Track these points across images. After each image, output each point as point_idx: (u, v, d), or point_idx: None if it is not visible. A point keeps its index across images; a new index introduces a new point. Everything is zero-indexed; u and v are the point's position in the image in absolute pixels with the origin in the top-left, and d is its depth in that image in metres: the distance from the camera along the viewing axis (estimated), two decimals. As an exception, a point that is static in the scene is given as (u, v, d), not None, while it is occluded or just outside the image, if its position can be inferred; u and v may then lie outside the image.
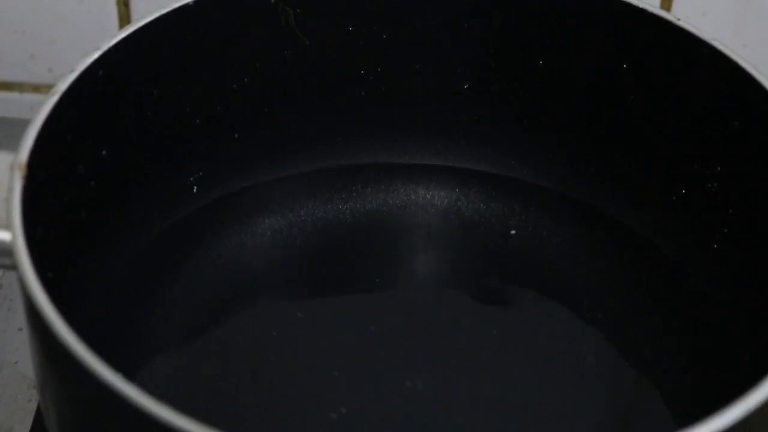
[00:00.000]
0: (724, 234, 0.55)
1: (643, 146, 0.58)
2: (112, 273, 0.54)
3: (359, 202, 0.62)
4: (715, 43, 0.53)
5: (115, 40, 0.52)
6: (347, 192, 0.62)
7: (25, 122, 0.47)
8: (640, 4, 0.56)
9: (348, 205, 0.61)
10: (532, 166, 0.62)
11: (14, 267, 0.43)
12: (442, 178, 0.63)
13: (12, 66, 0.72)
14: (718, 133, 0.54)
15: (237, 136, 0.59)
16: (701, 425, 0.38)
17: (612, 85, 0.58)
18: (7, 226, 0.44)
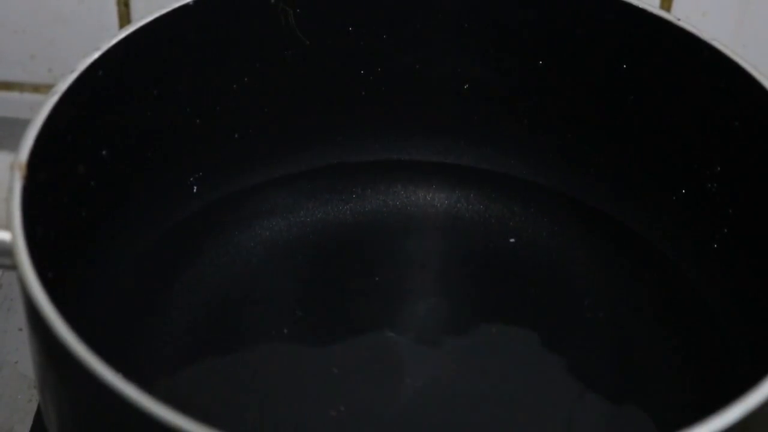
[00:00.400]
0: (724, 234, 0.55)
1: (643, 146, 0.58)
2: (112, 273, 0.54)
3: (359, 202, 0.62)
4: (715, 43, 0.53)
5: (115, 40, 0.52)
6: (347, 192, 0.62)
7: (25, 122, 0.47)
8: (640, 4, 0.56)
9: (348, 205, 0.61)
10: (532, 166, 0.62)
11: (14, 267, 0.43)
12: (442, 178, 0.63)
13: (12, 66, 0.72)
14: (718, 133, 0.54)
15: (237, 136, 0.60)
16: (701, 425, 0.38)
17: (612, 85, 0.58)
18: (7, 226, 0.44)
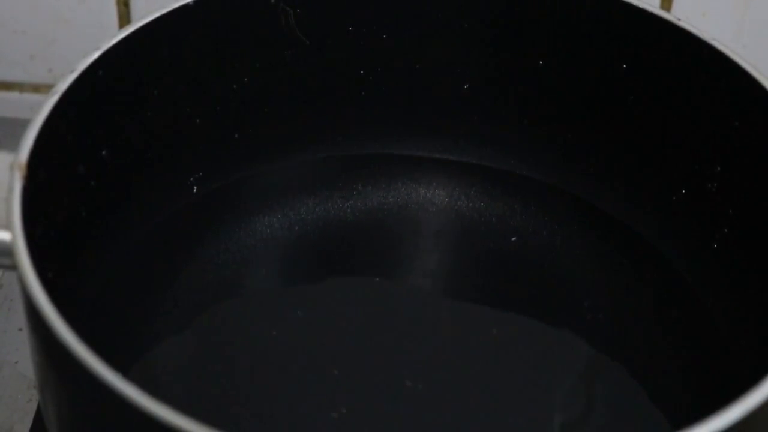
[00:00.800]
0: (724, 234, 0.55)
1: (644, 146, 0.58)
2: (111, 273, 0.54)
3: (359, 200, 0.62)
4: (715, 43, 0.53)
5: (115, 40, 0.52)
6: (347, 190, 0.62)
7: (25, 122, 0.47)
8: (640, 4, 0.56)
9: (348, 203, 0.61)
10: (533, 165, 0.62)
11: (14, 267, 0.43)
12: (442, 176, 0.63)
13: (12, 66, 0.72)
14: (718, 133, 0.54)
15: (237, 136, 0.60)
16: (701, 425, 0.38)
17: (612, 84, 0.58)
18: (7, 226, 0.44)
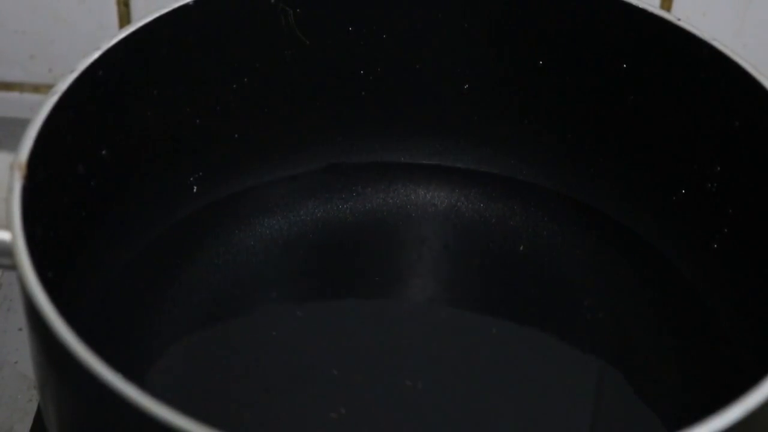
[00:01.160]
0: (724, 234, 0.55)
1: (643, 146, 0.58)
2: (112, 273, 0.54)
3: (359, 202, 0.62)
4: (715, 43, 0.53)
5: (115, 40, 0.52)
6: (347, 192, 0.62)
7: (25, 122, 0.47)
8: (640, 4, 0.56)
9: (348, 205, 0.61)
10: (532, 166, 0.62)
11: (14, 267, 0.43)
12: (442, 178, 0.63)
13: (12, 66, 0.72)
14: (718, 133, 0.54)
15: (237, 136, 0.59)
16: (701, 425, 0.38)
17: (612, 85, 0.58)
18: (7, 226, 0.44)
